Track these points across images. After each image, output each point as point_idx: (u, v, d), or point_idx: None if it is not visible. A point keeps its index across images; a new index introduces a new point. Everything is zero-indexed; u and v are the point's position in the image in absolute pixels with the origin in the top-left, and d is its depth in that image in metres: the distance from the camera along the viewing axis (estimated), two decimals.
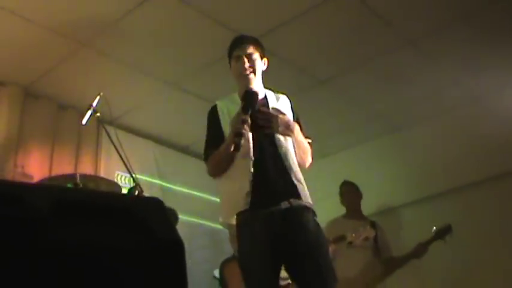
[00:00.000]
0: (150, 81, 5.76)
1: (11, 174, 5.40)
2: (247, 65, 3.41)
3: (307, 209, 3.23)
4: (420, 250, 5.26)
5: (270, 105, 3.40)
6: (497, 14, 4.98)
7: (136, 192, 3.75)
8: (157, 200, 1.49)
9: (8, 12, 4.68)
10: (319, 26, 5.10)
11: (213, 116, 3.43)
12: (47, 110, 5.92)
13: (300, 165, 3.38)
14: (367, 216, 5.70)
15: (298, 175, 3.28)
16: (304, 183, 3.29)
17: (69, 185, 3.70)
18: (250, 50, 3.46)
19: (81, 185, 3.64)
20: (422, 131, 6.63)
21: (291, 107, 3.53)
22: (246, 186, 3.15)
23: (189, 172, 6.96)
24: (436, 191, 6.26)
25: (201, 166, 7.12)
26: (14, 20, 4.77)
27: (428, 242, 5.25)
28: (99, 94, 4.06)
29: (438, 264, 5.65)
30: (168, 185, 6.83)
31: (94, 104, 4.01)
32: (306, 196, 3.25)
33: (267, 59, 3.57)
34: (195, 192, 6.99)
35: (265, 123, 3.21)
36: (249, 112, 3.16)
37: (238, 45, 3.50)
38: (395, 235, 5.80)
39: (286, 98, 3.58)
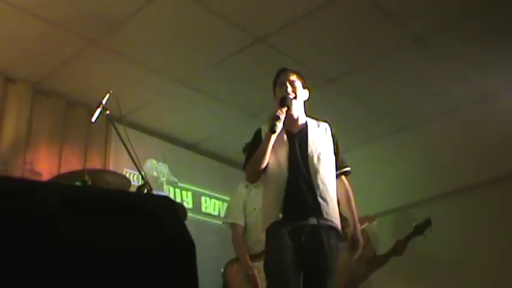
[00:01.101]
0: (159, 79, 5.77)
1: (20, 171, 5.42)
2: (289, 89, 3.62)
3: (331, 228, 3.46)
4: (399, 247, 5.25)
5: (309, 132, 3.66)
6: (506, 12, 4.96)
7: (146, 191, 3.74)
8: (168, 198, 1.50)
9: (18, 9, 4.70)
10: (327, 24, 5.09)
11: (256, 137, 3.68)
12: (56, 107, 5.93)
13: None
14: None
15: (323, 194, 3.47)
16: (330, 202, 3.49)
17: (77, 183, 3.70)
18: (293, 77, 3.70)
19: (89, 182, 3.64)
20: (431, 129, 6.60)
21: (332, 134, 3.79)
22: (279, 200, 3.43)
23: (197, 169, 6.98)
24: (444, 190, 6.22)
25: (209, 164, 7.25)
26: (23, 17, 4.78)
27: (407, 239, 5.24)
28: (108, 92, 4.06)
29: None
30: (176, 182, 6.85)
31: (103, 101, 4.01)
32: (330, 215, 3.46)
33: (309, 90, 3.81)
34: (203, 190, 7.00)
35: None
36: (285, 105, 3.52)
37: (281, 73, 3.73)
38: (403, 234, 5.76)
39: (328, 126, 3.83)
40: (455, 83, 5.94)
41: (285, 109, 3.51)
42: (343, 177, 3.82)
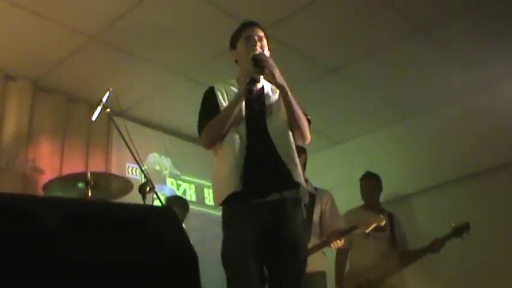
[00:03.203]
0: (159, 72, 5.75)
1: (22, 168, 5.42)
2: (258, 45, 3.27)
3: (298, 202, 3.15)
4: (436, 245, 5.24)
5: (266, 93, 3.30)
6: (508, 1, 4.91)
7: (148, 188, 3.74)
8: (170, 211, 1.47)
9: (16, 6, 4.67)
10: (329, 14, 5.05)
11: (210, 95, 3.28)
12: (57, 103, 5.92)
13: (299, 139, 3.29)
14: (385, 209, 5.67)
15: (290, 157, 3.14)
16: (295, 161, 3.16)
17: (80, 184, 3.69)
18: (261, 33, 3.35)
19: (92, 183, 3.62)
20: (432, 118, 6.59)
21: None
22: (239, 164, 3.04)
23: (200, 162, 6.96)
24: (448, 178, 6.21)
25: (212, 156, 7.20)
26: (21, 14, 4.75)
27: (445, 238, 5.23)
28: (108, 90, 4.03)
29: (452, 257, 5.61)
30: (179, 175, 6.84)
31: (104, 99, 3.98)
32: (301, 179, 3.14)
33: (270, 51, 3.40)
34: (206, 182, 6.99)
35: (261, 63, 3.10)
36: (262, 66, 3.09)
37: (248, 27, 3.37)
38: (407, 222, 5.75)
39: None
40: (457, 71, 5.92)
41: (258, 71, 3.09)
42: None
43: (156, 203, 4.09)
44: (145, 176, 3.87)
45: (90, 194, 3.61)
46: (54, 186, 3.88)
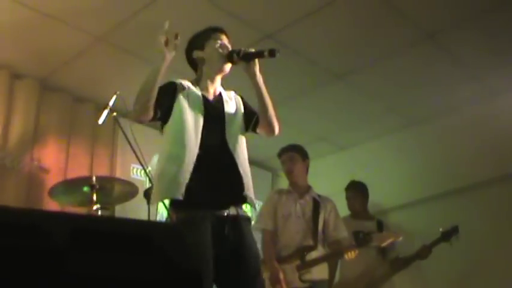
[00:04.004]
0: (165, 74, 5.73)
1: (28, 168, 5.43)
2: (228, 44, 3.27)
3: (249, 220, 3.08)
4: (425, 251, 5.29)
5: (224, 101, 3.24)
6: None
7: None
8: (177, 227, 1.47)
9: (23, 5, 4.68)
10: (336, 20, 5.03)
11: (169, 86, 3.18)
12: (63, 102, 5.92)
13: (269, 130, 3.20)
14: (374, 216, 5.70)
15: (245, 165, 3.08)
16: (249, 175, 3.07)
17: (85, 188, 3.69)
18: (228, 41, 3.34)
19: (97, 187, 3.63)
20: (437, 126, 6.56)
21: (241, 99, 3.36)
22: (187, 169, 2.91)
23: None
24: (452, 187, 6.18)
25: None
26: (29, 13, 4.75)
27: (433, 244, 5.26)
28: (115, 93, 4.02)
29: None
30: None
31: (110, 103, 3.97)
32: (251, 193, 3.03)
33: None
34: None
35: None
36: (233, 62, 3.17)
37: (217, 32, 3.38)
38: (409, 230, 5.75)
39: (234, 93, 3.39)
40: (464, 79, 5.90)
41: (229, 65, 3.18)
42: None
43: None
44: (149, 180, 3.88)
45: (95, 197, 3.61)
46: (59, 190, 3.90)
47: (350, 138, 7.09)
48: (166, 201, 3.00)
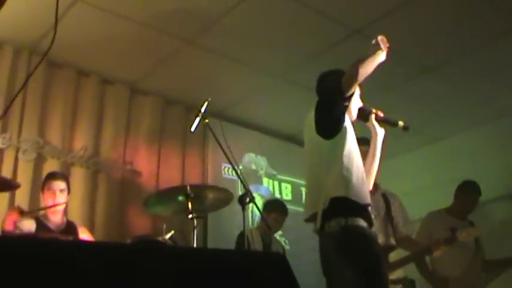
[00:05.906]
0: (255, 74, 5.74)
1: (120, 171, 5.54)
2: None
3: None
4: None
5: None
6: None
7: (248, 200, 3.70)
8: (281, 257, 1.34)
9: (112, 13, 4.76)
10: (425, 13, 4.89)
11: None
12: (154, 105, 5.98)
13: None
14: (467, 217, 5.38)
15: None
16: None
17: (180, 197, 3.70)
18: None
19: (192, 195, 3.63)
20: None
21: None
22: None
23: (295, 161, 6.92)
24: None
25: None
26: (118, 20, 4.82)
27: None
28: (206, 100, 3.99)
29: None
30: (275, 175, 6.86)
31: (202, 109, 3.95)
32: None
33: None
34: (302, 181, 6.95)
35: None
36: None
37: None
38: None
39: None
40: None
41: None
42: None
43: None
44: (241, 181, 3.86)
45: (190, 206, 3.61)
46: (153, 201, 3.92)
47: (441, 131, 6.88)
48: None
